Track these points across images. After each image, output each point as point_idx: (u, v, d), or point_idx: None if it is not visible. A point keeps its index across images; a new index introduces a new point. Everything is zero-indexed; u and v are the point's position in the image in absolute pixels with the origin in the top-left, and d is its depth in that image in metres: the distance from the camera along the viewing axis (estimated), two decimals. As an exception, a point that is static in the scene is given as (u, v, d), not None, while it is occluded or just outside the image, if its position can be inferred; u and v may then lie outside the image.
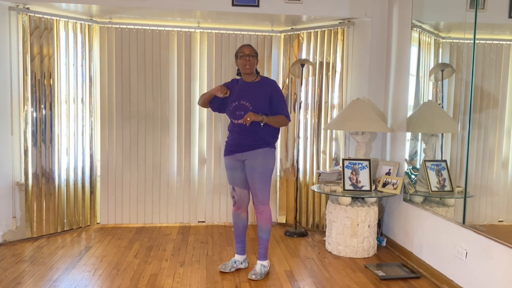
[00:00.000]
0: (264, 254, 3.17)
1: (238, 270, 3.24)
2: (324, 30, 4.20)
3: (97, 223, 4.46)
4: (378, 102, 4.05)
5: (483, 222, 2.60)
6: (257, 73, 3.14)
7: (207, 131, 4.49)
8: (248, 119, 2.90)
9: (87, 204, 4.34)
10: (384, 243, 3.88)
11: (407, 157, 3.59)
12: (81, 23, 4.13)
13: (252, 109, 2.99)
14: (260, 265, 3.14)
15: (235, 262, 3.23)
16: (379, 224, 3.93)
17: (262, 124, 2.99)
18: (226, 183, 4.54)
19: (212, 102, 3.18)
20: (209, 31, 4.39)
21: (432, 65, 3.23)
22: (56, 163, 4.03)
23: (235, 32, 4.41)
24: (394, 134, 3.80)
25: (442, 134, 3.10)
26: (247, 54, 3.01)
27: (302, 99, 4.37)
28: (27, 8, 3.78)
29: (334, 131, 4.24)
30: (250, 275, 3.08)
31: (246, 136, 3.04)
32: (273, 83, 3.11)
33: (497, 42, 2.51)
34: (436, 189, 3.10)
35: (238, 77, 3.19)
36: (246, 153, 3.04)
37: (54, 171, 4.01)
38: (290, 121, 3.14)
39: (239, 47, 3.08)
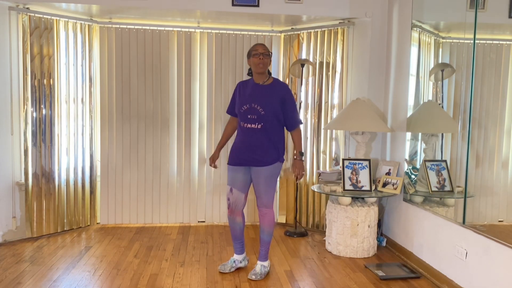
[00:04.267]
0: (265, 255, 3.17)
1: (238, 270, 3.24)
2: (324, 30, 4.20)
3: (97, 223, 4.46)
4: (378, 102, 4.05)
5: (483, 222, 2.60)
6: (269, 74, 3.08)
7: (207, 131, 4.49)
8: (302, 174, 3.06)
9: (87, 204, 4.34)
10: (384, 243, 3.88)
11: (407, 157, 3.59)
12: (81, 23, 4.13)
13: (264, 114, 2.94)
14: (261, 266, 3.14)
15: (234, 261, 3.22)
16: (379, 224, 3.93)
17: (303, 157, 3.12)
18: (226, 183, 4.54)
19: (231, 112, 3.25)
20: (209, 31, 4.39)
21: (432, 65, 3.23)
22: (56, 163, 4.03)
23: (235, 32, 4.41)
24: (394, 134, 3.80)
25: (442, 134, 3.10)
26: (261, 53, 2.94)
27: (302, 99, 4.37)
28: (27, 8, 3.78)
29: (334, 131, 4.24)
30: (250, 275, 3.08)
31: (255, 146, 2.98)
32: (286, 87, 3.03)
33: (497, 42, 2.51)
34: (436, 189, 3.10)
35: (249, 77, 3.15)
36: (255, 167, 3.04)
37: (54, 171, 4.01)
38: (300, 130, 3.17)
39: (252, 46, 3.02)
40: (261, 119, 2.97)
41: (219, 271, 3.20)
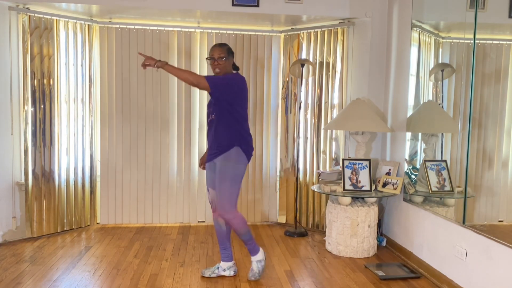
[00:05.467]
0: (253, 249, 3.05)
1: (239, 270, 3.23)
2: (324, 30, 4.20)
3: (97, 223, 4.46)
4: (378, 102, 4.05)
5: (483, 222, 2.60)
6: (237, 68, 3.01)
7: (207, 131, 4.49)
8: (146, 62, 2.70)
9: (87, 204, 4.34)
10: (384, 243, 3.88)
11: (407, 157, 3.59)
12: (81, 23, 4.13)
13: (214, 103, 2.90)
14: (255, 262, 3.06)
15: (217, 268, 3.12)
16: (379, 224, 3.93)
17: (156, 69, 2.71)
18: (226, 183, 4.54)
19: None
20: (209, 31, 4.39)
21: (432, 65, 3.23)
22: (56, 163, 4.03)
23: (235, 32, 4.41)
24: (394, 134, 3.80)
25: (442, 134, 3.10)
26: (216, 58, 2.88)
27: (302, 99, 4.37)
28: (27, 8, 3.78)
29: (334, 131, 4.24)
30: (249, 277, 3.06)
31: (211, 139, 2.97)
32: (235, 75, 2.92)
33: (497, 42, 2.51)
34: (436, 189, 3.10)
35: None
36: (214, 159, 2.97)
37: (54, 171, 4.01)
38: (205, 82, 2.70)
39: (211, 48, 2.93)
40: (213, 110, 2.92)
41: (201, 274, 3.16)
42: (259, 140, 4.53)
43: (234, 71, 3.02)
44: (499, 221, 2.49)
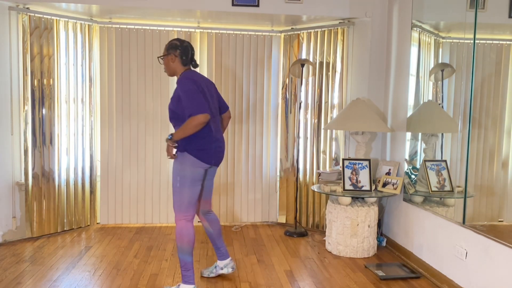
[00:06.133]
0: (187, 278, 2.74)
1: (239, 270, 3.23)
2: (324, 30, 4.20)
3: (97, 223, 4.46)
4: (378, 102, 4.05)
5: (483, 222, 2.60)
6: (195, 66, 2.83)
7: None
8: (170, 154, 2.69)
9: (87, 204, 4.34)
10: (384, 243, 3.88)
11: (407, 157, 3.59)
12: (81, 23, 4.13)
13: (169, 112, 2.76)
14: None
15: (215, 267, 3.10)
16: (379, 224, 3.93)
17: (175, 145, 2.68)
18: (226, 183, 4.54)
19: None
20: (209, 31, 4.39)
21: (432, 65, 3.23)
22: (56, 163, 4.03)
23: (235, 32, 4.41)
24: (394, 134, 3.80)
25: (442, 134, 3.10)
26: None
27: (302, 99, 4.37)
28: (27, 8, 3.78)
29: (334, 131, 4.24)
30: None
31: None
32: (179, 81, 2.68)
33: (497, 42, 2.51)
34: (436, 189, 3.10)
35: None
36: None
37: (54, 171, 4.01)
38: (200, 114, 2.55)
39: None
40: (170, 118, 2.78)
41: (200, 274, 3.16)
42: (259, 140, 4.53)
43: (186, 67, 2.79)
44: (499, 221, 2.49)
